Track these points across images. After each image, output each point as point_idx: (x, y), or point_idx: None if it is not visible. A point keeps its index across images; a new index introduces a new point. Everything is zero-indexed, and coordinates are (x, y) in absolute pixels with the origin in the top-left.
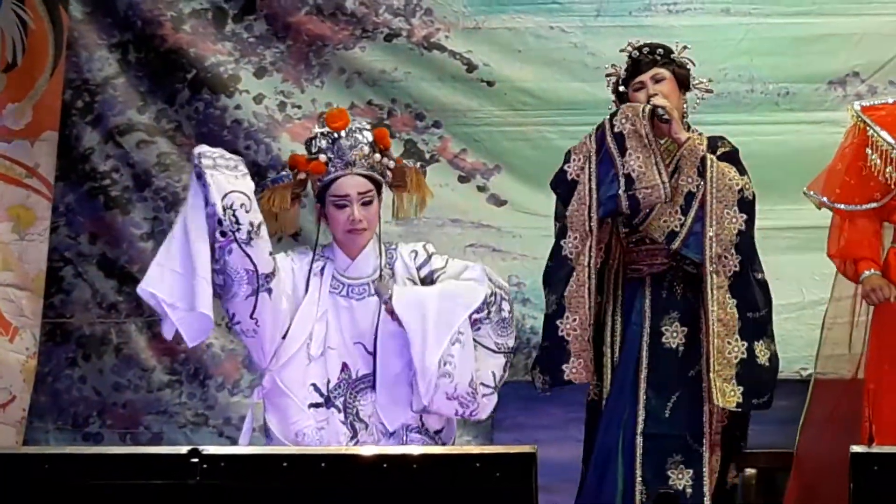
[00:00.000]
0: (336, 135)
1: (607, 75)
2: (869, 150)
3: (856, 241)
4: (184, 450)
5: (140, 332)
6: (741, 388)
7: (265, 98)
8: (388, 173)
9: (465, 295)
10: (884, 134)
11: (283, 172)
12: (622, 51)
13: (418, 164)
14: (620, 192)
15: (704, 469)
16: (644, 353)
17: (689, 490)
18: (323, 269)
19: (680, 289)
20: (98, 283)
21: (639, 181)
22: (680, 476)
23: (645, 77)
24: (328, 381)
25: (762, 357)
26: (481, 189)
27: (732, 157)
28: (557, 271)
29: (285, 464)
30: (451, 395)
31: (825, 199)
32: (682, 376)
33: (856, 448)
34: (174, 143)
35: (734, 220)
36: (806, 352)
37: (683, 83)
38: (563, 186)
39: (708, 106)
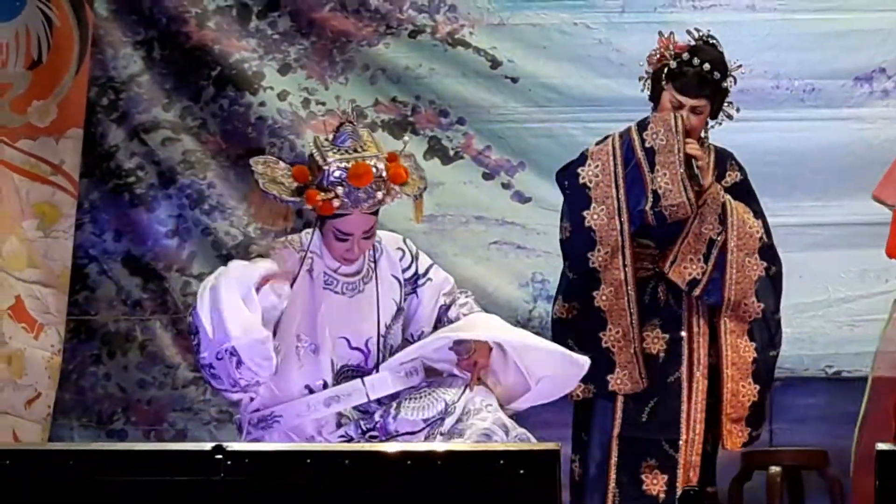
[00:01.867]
0: (355, 187)
1: (662, 56)
2: None
3: None
4: (208, 446)
5: (165, 329)
6: (749, 430)
7: (289, 95)
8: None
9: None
10: None
11: (289, 198)
12: (697, 29)
13: (420, 188)
14: (647, 207)
15: (678, 474)
16: None
17: (661, 495)
18: (311, 266)
19: (663, 296)
20: (123, 280)
21: (665, 198)
22: (654, 481)
23: (687, 102)
24: (324, 382)
25: (768, 396)
26: (505, 186)
27: (743, 189)
28: (583, 283)
29: (309, 460)
30: None
31: (887, 201)
32: (661, 382)
33: (882, 446)
34: (199, 141)
35: (755, 266)
36: (831, 349)
37: (715, 113)
38: (572, 188)
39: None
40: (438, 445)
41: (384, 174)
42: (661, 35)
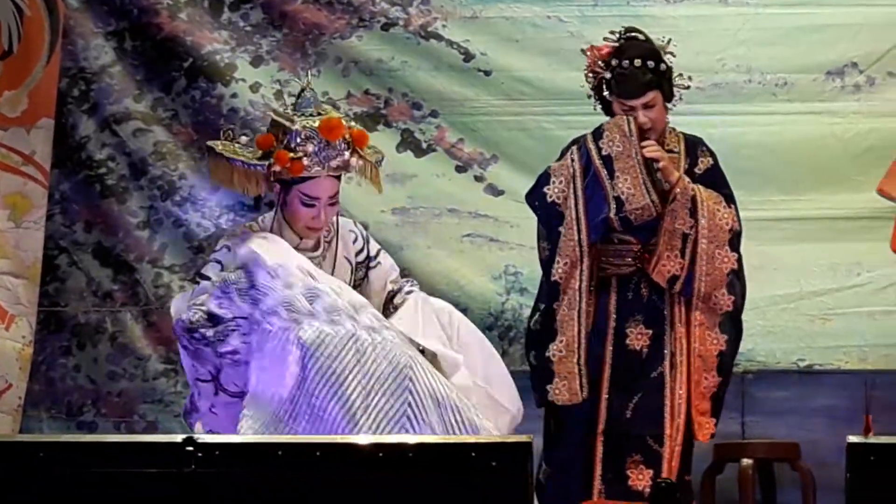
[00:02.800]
0: (326, 142)
1: (594, 72)
2: None
3: None
4: (179, 438)
5: (135, 320)
6: (713, 420)
7: (261, 87)
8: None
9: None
10: None
11: (256, 162)
12: (612, 33)
13: (378, 157)
14: (612, 214)
15: (663, 469)
16: (607, 354)
17: (647, 490)
18: None
19: (646, 291)
20: (93, 271)
21: (628, 203)
22: (640, 476)
23: (636, 104)
24: None
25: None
26: (478, 179)
27: (715, 174)
28: (547, 293)
29: (280, 452)
30: None
31: (893, 194)
32: (644, 378)
33: (852, 438)
34: (170, 132)
35: (726, 259)
36: (803, 342)
37: (669, 95)
38: (542, 209)
39: (705, 96)
40: (410, 438)
41: (348, 135)
42: (584, 52)
